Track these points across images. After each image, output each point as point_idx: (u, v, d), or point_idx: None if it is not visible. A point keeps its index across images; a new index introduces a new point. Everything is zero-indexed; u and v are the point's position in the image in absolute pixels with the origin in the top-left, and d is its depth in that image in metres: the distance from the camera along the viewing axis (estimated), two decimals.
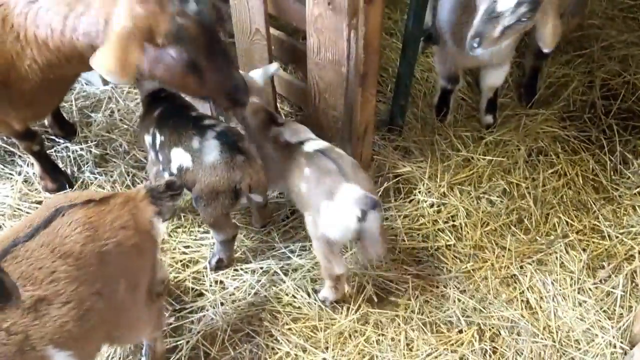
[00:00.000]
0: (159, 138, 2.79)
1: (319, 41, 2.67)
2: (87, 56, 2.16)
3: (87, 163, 3.47)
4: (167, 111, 2.81)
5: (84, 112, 3.76)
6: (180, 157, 2.68)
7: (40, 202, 3.28)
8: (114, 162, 3.48)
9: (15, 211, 3.23)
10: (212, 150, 2.59)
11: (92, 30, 2.21)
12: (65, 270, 1.84)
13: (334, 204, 2.45)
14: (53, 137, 3.57)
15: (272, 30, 3.08)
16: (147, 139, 2.90)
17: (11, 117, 2.83)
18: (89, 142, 3.58)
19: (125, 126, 3.63)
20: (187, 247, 3.11)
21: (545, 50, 2.71)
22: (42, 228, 1.90)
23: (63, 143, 3.56)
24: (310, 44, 2.73)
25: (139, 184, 3.35)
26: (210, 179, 2.60)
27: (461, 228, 3.19)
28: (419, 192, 3.29)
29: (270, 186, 2.85)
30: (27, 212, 3.22)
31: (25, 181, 3.38)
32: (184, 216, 3.22)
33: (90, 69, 2.17)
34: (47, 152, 3.32)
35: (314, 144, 2.70)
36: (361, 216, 2.38)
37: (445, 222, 3.20)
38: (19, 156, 3.48)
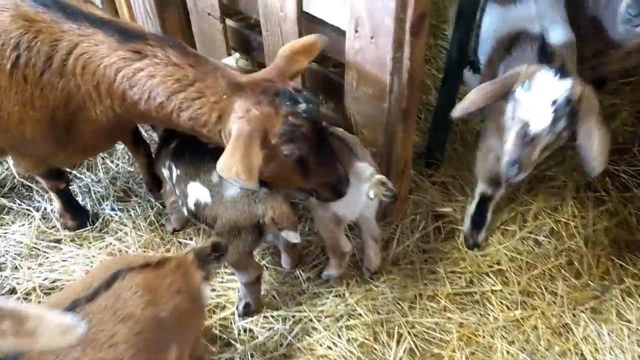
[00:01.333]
0: (175, 172, 2.63)
1: (359, 75, 2.49)
2: (182, 124, 2.23)
3: (108, 198, 3.31)
4: (183, 144, 2.64)
5: None
6: (197, 192, 2.52)
7: (58, 241, 3.12)
8: (137, 196, 3.31)
9: (32, 250, 3.07)
10: (232, 184, 2.41)
11: (201, 119, 2.19)
12: (125, 334, 1.79)
13: (350, 184, 2.40)
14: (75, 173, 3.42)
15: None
16: (164, 172, 2.75)
17: (56, 159, 2.68)
18: (110, 173, 3.42)
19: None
20: (214, 290, 2.92)
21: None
22: (103, 290, 1.86)
23: (84, 178, 3.41)
24: (349, 78, 2.54)
25: (162, 221, 3.18)
26: (231, 215, 2.42)
27: (507, 271, 2.96)
28: (462, 233, 3.08)
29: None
30: (45, 252, 3.05)
31: (43, 218, 3.21)
32: None
33: None
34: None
35: None
36: (372, 195, 2.36)
37: (490, 266, 2.98)
38: (37, 191, 3.32)
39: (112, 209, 3.26)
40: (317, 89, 3.06)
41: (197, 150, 2.55)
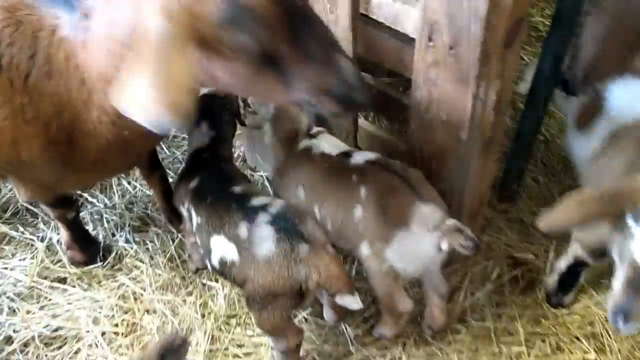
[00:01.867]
0: (195, 218, 2.16)
1: (431, 95, 1.96)
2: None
3: (122, 227, 2.85)
4: (204, 184, 2.19)
5: None
6: (222, 248, 2.05)
7: (63, 280, 2.67)
8: (156, 226, 2.85)
9: (32, 290, 2.62)
10: (265, 240, 1.94)
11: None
12: None
13: (411, 232, 1.95)
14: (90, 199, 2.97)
15: None
16: (184, 211, 2.29)
17: (62, 183, 2.21)
18: (126, 197, 2.97)
19: (170, 180, 3.00)
20: (241, 345, 2.43)
21: None
22: None
23: (96, 203, 2.96)
24: (417, 99, 2.01)
25: (184, 257, 2.70)
26: (265, 279, 1.94)
27: (603, 336, 2.40)
28: (543, 285, 2.52)
29: None
30: (47, 293, 2.60)
31: (48, 249, 2.77)
32: (238, 301, 2.55)
33: None
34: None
35: (362, 154, 2.17)
36: (445, 246, 1.90)
37: (580, 327, 2.42)
38: (42, 217, 2.88)
39: (127, 241, 2.80)
40: (372, 107, 2.54)
41: (220, 195, 2.08)
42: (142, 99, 1.29)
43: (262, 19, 1.37)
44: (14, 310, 2.57)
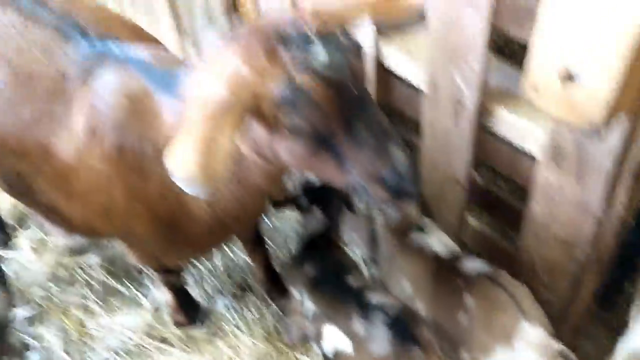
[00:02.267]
0: (311, 307, 2.26)
1: (550, 213, 2.01)
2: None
3: (222, 292, 2.98)
4: (322, 276, 2.29)
5: None
6: (336, 339, 2.13)
7: (165, 339, 2.81)
8: (255, 295, 2.97)
9: (141, 349, 2.77)
10: (379, 340, 2.01)
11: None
12: None
13: (514, 350, 1.93)
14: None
15: None
16: (295, 293, 2.38)
17: (168, 256, 2.37)
18: (227, 263, 3.11)
19: (271, 250, 3.13)
20: None
21: None
22: None
23: (198, 264, 3.11)
24: (534, 213, 2.07)
25: (280, 329, 2.80)
26: None
27: None
28: None
29: None
30: (151, 353, 2.76)
31: (155, 310, 2.93)
32: None
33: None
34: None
35: (472, 262, 2.19)
36: None
37: None
38: (148, 276, 3.05)
39: (226, 307, 2.93)
40: (479, 206, 2.60)
41: (337, 287, 2.18)
42: (184, 159, 1.37)
43: (316, 103, 1.45)
44: None
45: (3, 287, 1.98)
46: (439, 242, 2.32)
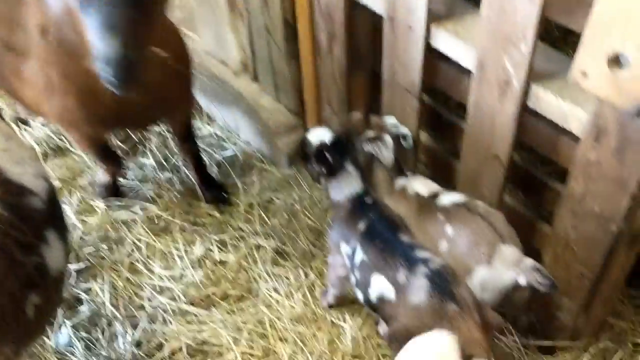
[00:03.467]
0: (361, 256, 2.41)
1: (587, 189, 2.15)
2: None
3: (260, 260, 3.15)
4: (374, 228, 2.42)
5: (264, 196, 3.47)
6: (382, 286, 2.29)
7: (208, 299, 2.98)
8: (292, 261, 3.13)
9: (184, 308, 2.95)
10: (418, 291, 2.15)
11: None
12: None
13: (492, 269, 2.29)
14: None
15: None
16: (343, 247, 2.52)
17: (95, 128, 2.82)
18: (266, 227, 3.28)
19: (310, 221, 3.28)
20: None
21: None
22: None
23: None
24: (573, 189, 2.21)
25: (316, 293, 2.97)
26: (410, 323, 2.15)
27: None
28: None
29: None
30: (195, 312, 2.92)
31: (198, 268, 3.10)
32: (363, 342, 2.77)
33: None
34: None
35: (448, 196, 2.52)
36: (523, 282, 2.21)
37: None
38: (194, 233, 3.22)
39: (267, 272, 3.09)
40: (515, 185, 2.75)
41: (388, 239, 2.34)
42: None
43: None
44: (166, 322, 2.90)
45: (64, 242, 2.15)
46: (421, 184, 2.62)
